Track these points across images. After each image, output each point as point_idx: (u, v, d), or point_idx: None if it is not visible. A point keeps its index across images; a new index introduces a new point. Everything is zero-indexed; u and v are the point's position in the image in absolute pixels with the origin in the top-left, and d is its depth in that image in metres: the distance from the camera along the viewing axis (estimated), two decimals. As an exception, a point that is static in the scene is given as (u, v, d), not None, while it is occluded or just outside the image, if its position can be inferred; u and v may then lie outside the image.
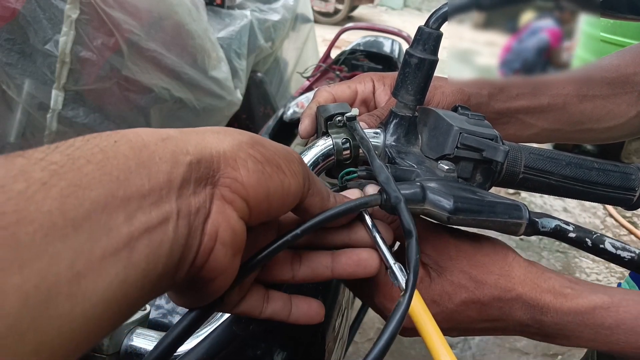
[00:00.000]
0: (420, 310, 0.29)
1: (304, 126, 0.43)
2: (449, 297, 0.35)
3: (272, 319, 0.32)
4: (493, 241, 0.37)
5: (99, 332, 0.18)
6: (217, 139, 0.25)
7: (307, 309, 0.32)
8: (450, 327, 0.36)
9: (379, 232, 0.32)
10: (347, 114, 0.37)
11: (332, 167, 0.39)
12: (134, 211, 0.19)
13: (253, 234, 0.28)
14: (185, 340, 0.28)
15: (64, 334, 0.16)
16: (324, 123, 0.38)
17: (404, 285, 0.28)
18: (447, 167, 0.35)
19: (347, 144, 0.37)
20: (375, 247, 0.32)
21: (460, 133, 0.35)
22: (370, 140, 0.38)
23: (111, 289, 0.18)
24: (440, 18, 0.36)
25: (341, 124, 0.38)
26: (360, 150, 0.37)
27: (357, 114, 0.38)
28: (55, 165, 0.18)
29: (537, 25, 0.62)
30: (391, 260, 0.30)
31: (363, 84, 0.47)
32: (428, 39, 0.36)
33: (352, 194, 0.33)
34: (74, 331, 0.17)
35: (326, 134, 0.38)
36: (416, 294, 0.28)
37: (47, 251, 0.16)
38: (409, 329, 0.35)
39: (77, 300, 0.17)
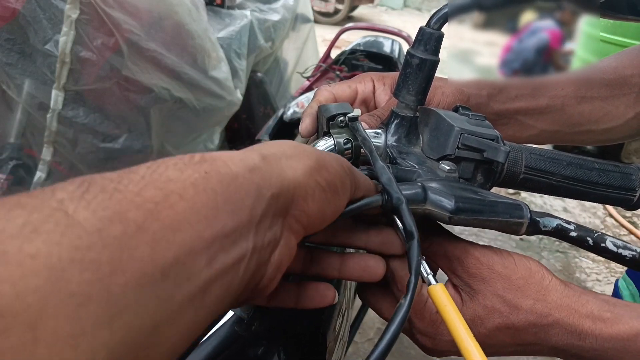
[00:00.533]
0: (447, 304, 0.28)
1: (305, 125, 0.43)
2: (481, 321, 0.34)
3: (280, 306, 0.32)
4: (528, 262, 0.35)
5: None
6: (291, 167, 0.24)
7: (314, 294, 0.32)
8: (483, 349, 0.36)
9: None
10: (349, 115, 0.37)
11: None
12: (215, 253, 0.19)
13: None
14: (197, 344, 0.28)
15: None
16: (326, 123, 0.38)
17: (431, 279, 0.29)
18: (448, 168, 0.35)
19: (349, 145, 0.37)
20: (394, 251, 0.33)
21: (462, 133, 0.35)
22: (372, 140, 0.38)
23: (182, 334, 0.18)
24: (441, 19, 0.36)
25: (343, 124, 0.38)
26: (362, 151, 0.37)
27: (359, 114, 0.38)
28: (151, 204, 0.17)
29: (537, 26, 0.62)
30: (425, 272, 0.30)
31: (363, 84, 0.47)
32: (429, 39, 0.36)
33: (387, 235, 0.33)
34: None
35: (328, 134, 0.38)
36: (442, 287, 0.29)
37: (136, 303, 0.15)
38: (436, 350, 0.35)
39: (153, 350, 0.16)
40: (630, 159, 3.06)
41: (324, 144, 0.37)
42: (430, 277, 0.29)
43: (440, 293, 0.28)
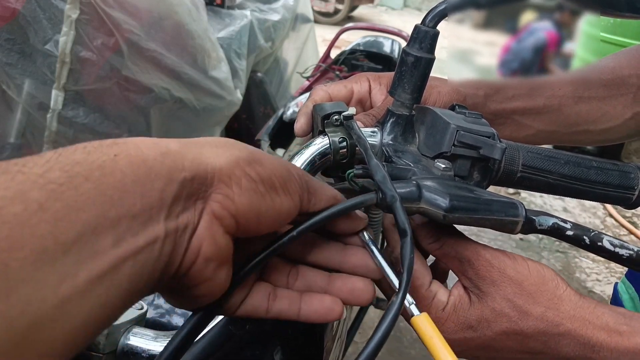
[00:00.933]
0: (427, 326, 0.27)
1: (300, 124, 0.43)
2: (488, 324, 0.33)
3: (280, 318, 0.31)
4: (543, 270, 0.34)
5: (76, 349, 0.19)
6: (215, 154, 0.24)
7: (318, 306, 0.30)
8: (485, 355, 0.35)
9: (379, 251, 0.31)
10: (344, 113, 0.37)
11: (329, 166, 0.39)
12: (122, 233, 0.19)
13: (248, 240, 0.28)
14: (189, 345, 0.28)
15: (43, 357, 0.17)
16: (321, 122, 0.38)
17: (413, 310, 0.28)
18: (443, 166, 0.35)
19: (344, 143, 0.37)
20: (370, 275, 0.32)
21: (457, 131, 0.35)
22: (368, 139, 0.38)
23: (93, 311, 0.18)
24: (437, 16, 0.36)
25: (338, 123, 0.38)
26: (357, 149, 0.37)
27: (354, 113, 0.37)
28: (54, 184, 0.18)
29: (536, 27, 0.62)
30: (395, 283, 0.30)
31: (359, 84, 0.47)
32: (425, 37, 0.36)
33: (363, 257, 0.32)
34: (55, 353, 0.17)
35: (323, 132, 0.38)
36: (426, 317, 0.28)
37: (35, 277, 0.16)
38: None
39: (59, 324, 0.17)
40: (631, 158, 3.06)
41: (319, 142, 0.37)
42: (413, 308, 0.28)
43: (424, 324, 0.27)
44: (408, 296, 0.28)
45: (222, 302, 0.27)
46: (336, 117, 0.37)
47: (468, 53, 0.58)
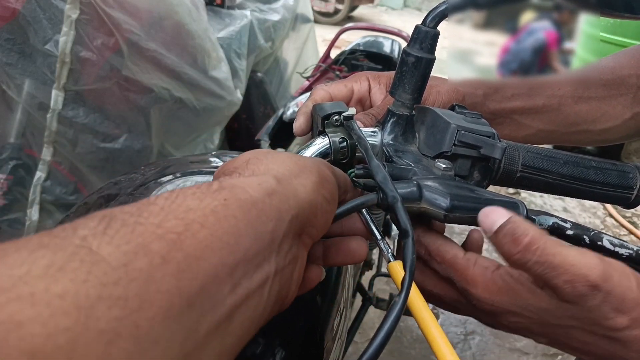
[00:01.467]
0: (420, 306, 0.28)
1: (299, 124, 0.43)
2: (552, 313, 0.30)
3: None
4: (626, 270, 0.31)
5: None
6: (302, 186, 0.25)
7: (341, 249, 0.32)
8: (543, 330, 0.32)
9: (374, 223, 0.32)
10: (344, 113, 0.37)
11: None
12: (239, 279, 0.19)
13: None
14: None
15: None
16: (321, 122, 0.38)
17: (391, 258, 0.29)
18: (444, 166, 0.35)
19: (344, 143, 0.38)
20: (364, 235, 0.33)
21: (458, 130, 0.35)
22: (368, 139, 0.38)
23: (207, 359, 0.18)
24: (437, 17, 0.36)
25: (338, 123, 0.38)
26: (358, 149, 0.37)
27: (354, 113, 0.38)
28: (173, 234, 0.17)
29: (535, 27, 0.62)
30: (386, 251, 0.30)
31: (359, 83, 0.47)
32: (425, 37, 0.36)
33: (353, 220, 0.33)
34: None
35: (323, 133, 0.38)
36: (414, 288, 0.28)
37: (164, 336, 0.15)
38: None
39: None
40: (630, 159, 3.06)
41: (320, 142, 0.38)
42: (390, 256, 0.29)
43: (399, 270, 0.28)
44: (387, 246, 0.29)
45: None
46: (336, 117, 0.37)
47: (468, 53, 0.58)
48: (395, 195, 0.30)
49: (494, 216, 0.30)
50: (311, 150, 0.38)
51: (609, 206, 2.79)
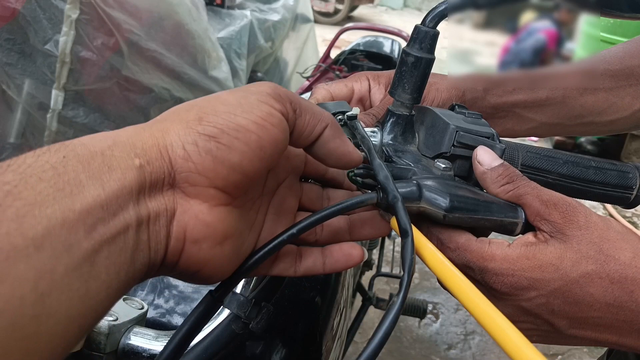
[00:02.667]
0: (425, 244, 0.29)
1: None
2: (572, 263, 0.31)
3: (308, 275, 0.32)
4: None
5: (65, 345, 0.19)
6: (162, 131, 0.23)
7: (339, 255, 0.31)
8: (563, 306, 0.31)
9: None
10: (348, 113, 0.37)
11: None
12: (93, 224, 0.19)
13: (265, 177, 0.29)
14: (194, 337, 0.29)
15: (30, 354, 0.17)
16: None
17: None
18: (443, 166, 0.35)
19: None
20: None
21: (457, 131, 0.35)
22: (350, 137, 0.38)
23: (74, 304, 0.18)
24: (437, 17, 0.36)
25: (342, 123, 0.38)
26: (360, 149, 0.37)
27: (358, 112, 0.38)
28: (9, 185, 0.18)
29: (535, 26, 0.62)
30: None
31: (359, 83, 0.47)
32: (425, 37, 0.36)
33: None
34: (40, 350, 0.17)
35: None
36: (417, 233, 0.29)
37: (10, 274, 0.16)
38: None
39: (42, 319, 0.17)
40: (631, 159, 3.06)
41: None
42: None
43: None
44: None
45: (240, 274, 0.28)
46: (340, 117, 0.37)
47: (468, 53, 0.58)
48: (396, 194, 0.30)
49: (492, 155, 0.35)
50: None
51: (609, 206, 2.80)
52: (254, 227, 0.29)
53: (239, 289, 0.36)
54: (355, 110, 0.37)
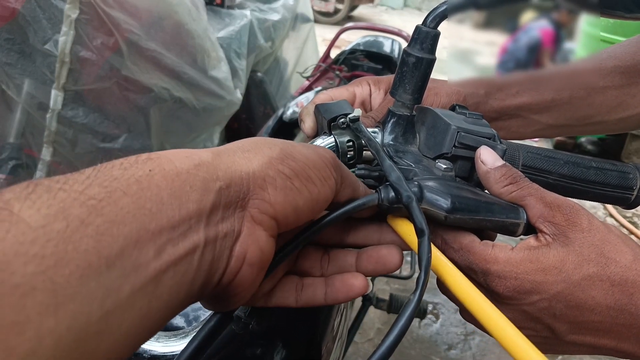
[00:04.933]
0: (442, 261, 0.29)
1: (308, 125, 0.42)
2: (574, 266, 0.31)
3: (309, 306, 0.32)
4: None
5: (123, 355, 0.19)
6: (247, 159, 0.25)
7: (340, 286, 0.31)
8: (566, 310, 0.31)
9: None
10: (350, 116, 0.37)
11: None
12: (163, 244, 0.20)
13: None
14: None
15: None
16: (327, 125, 0.38)
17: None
18: (444, 166, 0.35)
19: (351, 144, 0.37)
20: (400, 245, 0.32)
21: (458, 132, 0.35)
22: (354, 139, 0.38)
23: (135, 323, 0.19)
24: (437, 17, 0.36)
25: (344, 126, 0.38)
26: (365, 151, 0.37)
27: (360, 114, 0.38)
28: (94, 200, 0.18)
29: (533, 26, 0.62)
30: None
31: (360, 87, 0.47)
32: (425, 38, 0.36)
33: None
34: None
35: (327, 133, 0.38)
36: (434, 250, 0.29)
37: (81, 292, 0.16)
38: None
39: (104, 337, 0.17)
40: (631, 159, 3.06)
41: (321, 143, 0.37)
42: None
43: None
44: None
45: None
46: (342, 119, 0.37)
47: (469, 53, 0.58)
48: (410, 194, 0.30)
49: (495, 155, 0.34)
50: None
51: (609, 206, 2.80)
52: None
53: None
54: (357, 112, 0.37)
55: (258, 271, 0.25)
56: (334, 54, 2.19)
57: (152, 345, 0.37)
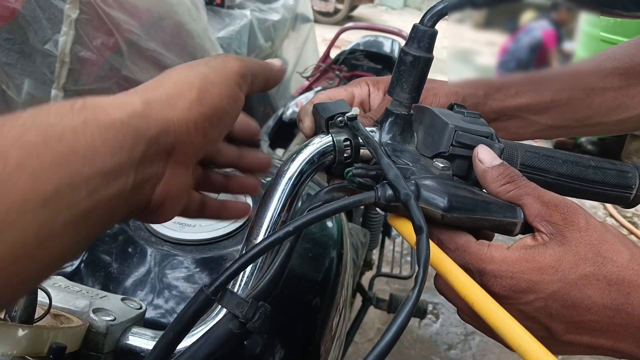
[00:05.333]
0: (440, 257, 0.29)
1: (306, 125, 0.42)
2: (570, 266, 0.31)
3: (204, 217, 0.37)
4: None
5: (50, 273, 0.23)
6: (171, 107, 0.27)
7: (232, 208, 0.38)
8: (562, 310, 0.31)
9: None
10: (348, 114, 0.37)
11: (332, 165, 0.39)
12: (95, 187, 0.22)
13: None
14: (182, 339, 0.29)
15: (28, 280, 0.21)
16: (325, 123, 0.38)
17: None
18: (442, 165, 0.35)
19: (348, 143, 0.37)
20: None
21: (456, 131, 0.35)
22: (351, 138, 0.38)
23: (64, 248, 0.22)
24: (435, 16, 0.36)
25: (342, 124, 0.38)
26: (362, 150, 0.37)
27: (358, 113, 0.37)
28: (31, 145, 0.20)
29: (533, 26, 0.62)
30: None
31: (359, 88, 0.47)
32: (423, 36, 0.36)
33: (256, 156, 0.39)
34: (34, 278, 0.22)
35: (325, 132, 0.38)
36: (433, 245, 0.30)
37: (19, 222, 0.19)
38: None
39: (38, 259, 0.21)
40: (631, 158, 3.06)
41: (319, 141, 0.37)
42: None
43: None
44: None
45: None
46: (340, 118, 0.37)
47: (468, 53, 0.58)
48: (408, 192, 0.30)
49: (492, 154, 0.35)
50: (310, 149, 0.37)
51: (609, 206, 2.79)
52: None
53: (236, 288, 0.36)
54: (355, 111, 0.37)
55: (179, 200, 0.29)
56: (334, 54, 2.19)
57: (150, 345, 0.37)
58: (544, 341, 0.33)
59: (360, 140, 0.37)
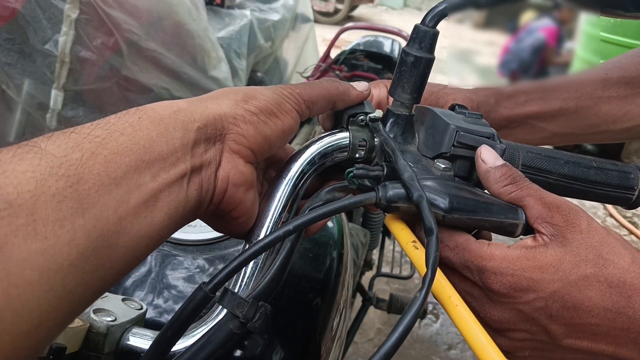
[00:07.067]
0: (444, 285, 0.29)
1: (322, 120, 0.42)
2: (571, 266, 0.31)
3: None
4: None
5: (136, 259, 0.26)
6: (217, 104, 0.31)
7: None
8: (562, 311, 0.31)
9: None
10: (371, 115, 0.37)
11: (344, 161, 0.39)
12: (157, 171, 0.26)
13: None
14: (180, 336, 0.29)
15: (114, 258, 0.24)
16: (347, 119, 0.38)
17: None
18: (443, 166, 0.35)
19: (364, 143, 0.37)
20: None
21: (457, 131, 0.35)
22: (367, 139, 0.38)
23: (142, 227, 0.25)
24: (436, 16, 0.36)
25: (363, 124, 0.38)
26: (374, 153, 0.38)
27: (381, 115, 0.38)
28: (99, 138, 0.24)
29: (534, 26, 0.62)
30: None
31: (378, 89, 0.47)
32: (424, 37, 0.36)
33: None
34: (121, 255, 0.24)
35: (345, 128, 0.38)
36: (439, 272, 0.30)
37: (100, 201, 0.23)
38: None
39: (120, 235, 0.24)
40: (631, 159, 3.06)
41: (337, 135, 0.38)
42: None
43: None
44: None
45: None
46: (362, 117, 0.37)
47: (469, 53, 0.58)
48: (422, 194, 0.30)
49: (495, 154, 0.36)
50: (327, 140, 0.37)
51: (609, 206, 2.79)
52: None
53: (236, 288, 0.36)
54: (378, 113, 0.38)
55: (245, 190, 0.32)
56: (334, 54, 2.19)
57: (148, 344, 0.37)
58: (543, 346, 0.32)
59: (376, 144, 0.37)
